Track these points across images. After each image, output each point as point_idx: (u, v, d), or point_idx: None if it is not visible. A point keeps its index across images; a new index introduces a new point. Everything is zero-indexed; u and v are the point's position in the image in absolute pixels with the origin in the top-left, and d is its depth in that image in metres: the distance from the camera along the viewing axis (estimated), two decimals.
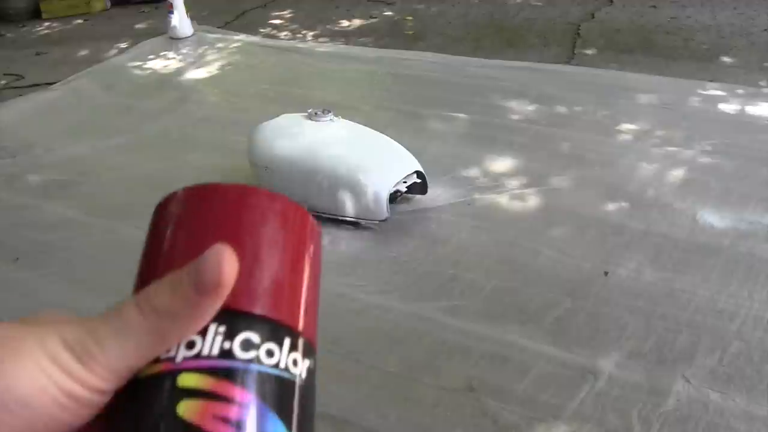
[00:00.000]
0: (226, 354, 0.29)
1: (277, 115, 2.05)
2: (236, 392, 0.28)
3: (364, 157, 1.91)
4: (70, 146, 2.51)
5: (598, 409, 1.26)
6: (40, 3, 4.91)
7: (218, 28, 3.92)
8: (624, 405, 1.27)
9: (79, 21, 4.72)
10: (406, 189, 1.92)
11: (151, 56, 3.39)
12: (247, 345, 0.30)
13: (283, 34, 3.98)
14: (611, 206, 1.93)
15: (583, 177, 2.09)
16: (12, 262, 1.83)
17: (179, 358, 0.29)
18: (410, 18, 4.15)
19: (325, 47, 3.56)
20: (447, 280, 1.66)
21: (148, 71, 3.25)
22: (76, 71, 3.27)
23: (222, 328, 0.30)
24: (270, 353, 0.30)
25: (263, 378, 0.29)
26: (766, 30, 3.55)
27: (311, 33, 3.96)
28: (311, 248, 0.35)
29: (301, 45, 3.63)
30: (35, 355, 0.27)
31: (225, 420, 0.28)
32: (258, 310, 0.31)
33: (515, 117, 2.55)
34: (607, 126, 2.43)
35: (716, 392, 1.28)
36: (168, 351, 0.29)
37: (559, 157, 2.21)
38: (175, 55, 3.40)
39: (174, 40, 3.55)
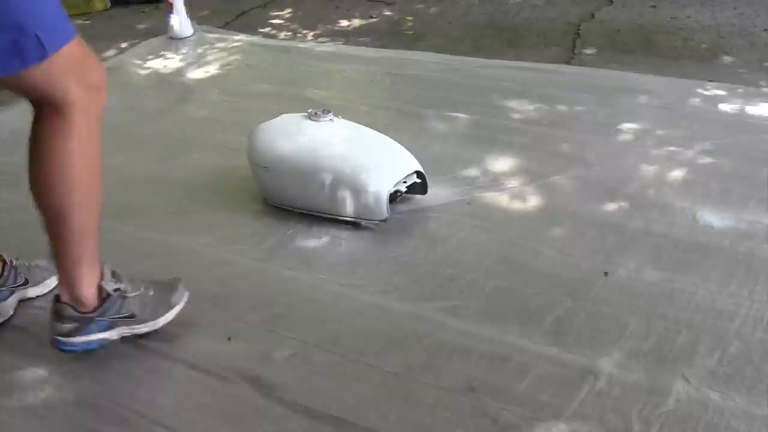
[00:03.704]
0: None
1: (277, 115, 2.05)
2: None
3: (364, 157, 1.91)
4: None
5: (598, 409, 1.26)
6: None
7: (218, 28, 3.92)
8: (624, 405, 1.27)
9: (79, 21, 4.71)
10: (406, 189, 1.92)
11: (151, 56, 3.39)
12: None
13: (283, 34, 3.97)
14: (611, 206, 1.93)
15: (583, 177, 2.09)
16: None
17: None
18: (410, 18, 4.14)
19: (325, 47, 3.56)
20: (447, 280, 1.65)
21: (148, 71, 3.25)
22: None
23: None
24: None
25: None
26: (766, 30, 3.55)
27: (311, 33, 3.95)
28: None
29: (301, 45, 3.62)
30: None
31: None
32: None
33: (515, 117, 2.55)
34: (608, 126, 2.43)
35: (716, 392, 1.29)
36: None
37: (560, 157, 2.21)
38: (175, 55, 3.40)
39: (174, 40, 3.55)
